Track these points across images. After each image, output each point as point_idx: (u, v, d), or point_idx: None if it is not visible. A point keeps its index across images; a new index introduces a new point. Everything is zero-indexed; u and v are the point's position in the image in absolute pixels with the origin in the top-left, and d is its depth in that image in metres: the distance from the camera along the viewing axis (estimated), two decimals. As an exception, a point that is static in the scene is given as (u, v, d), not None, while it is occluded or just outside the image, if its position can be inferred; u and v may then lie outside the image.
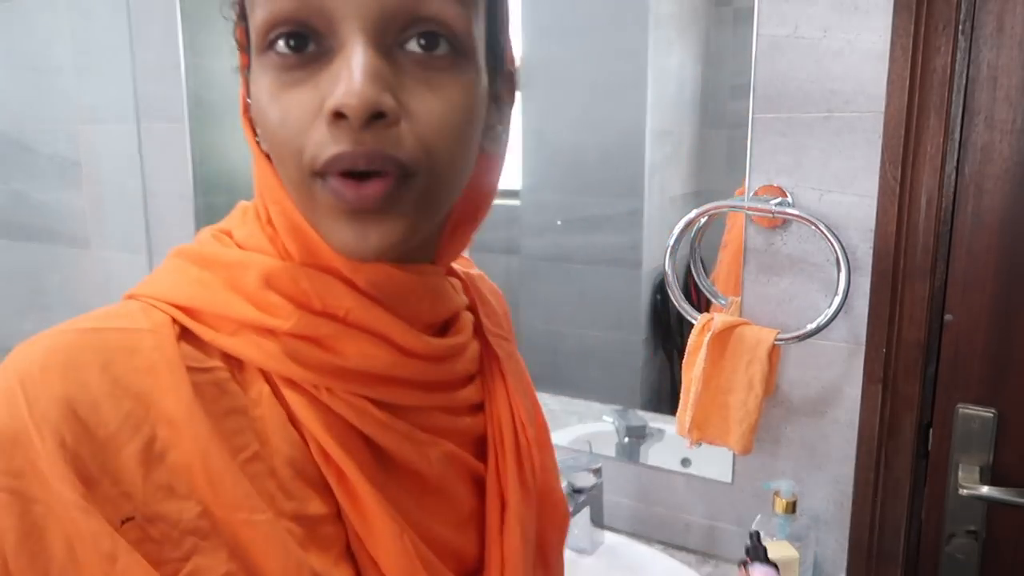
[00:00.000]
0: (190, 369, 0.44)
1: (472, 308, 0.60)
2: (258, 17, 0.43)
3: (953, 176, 1.03)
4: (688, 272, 1.26)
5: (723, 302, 1.22)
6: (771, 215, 1.10)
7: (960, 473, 1.07)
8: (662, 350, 1.41)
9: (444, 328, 0.55)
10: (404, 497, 0.50)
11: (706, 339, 1.13)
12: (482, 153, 0.51)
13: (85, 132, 1.80)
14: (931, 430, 1.10)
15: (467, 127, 0.46)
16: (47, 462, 0.40)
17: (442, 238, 0.53)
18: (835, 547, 1.17)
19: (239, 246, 0.50)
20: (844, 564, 1.16)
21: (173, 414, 0.43)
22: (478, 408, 0.58)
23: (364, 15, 0.41)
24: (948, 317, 1.06)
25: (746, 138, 1.13)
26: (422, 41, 0.43)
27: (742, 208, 1.13)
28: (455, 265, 0.61)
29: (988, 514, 1.08)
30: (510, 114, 0.55)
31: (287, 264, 0.48)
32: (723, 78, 1.25)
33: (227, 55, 0.50)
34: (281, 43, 0.43)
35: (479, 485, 0.57)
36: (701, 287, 1.26)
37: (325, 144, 0.42)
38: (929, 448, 1.10)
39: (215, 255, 0.49)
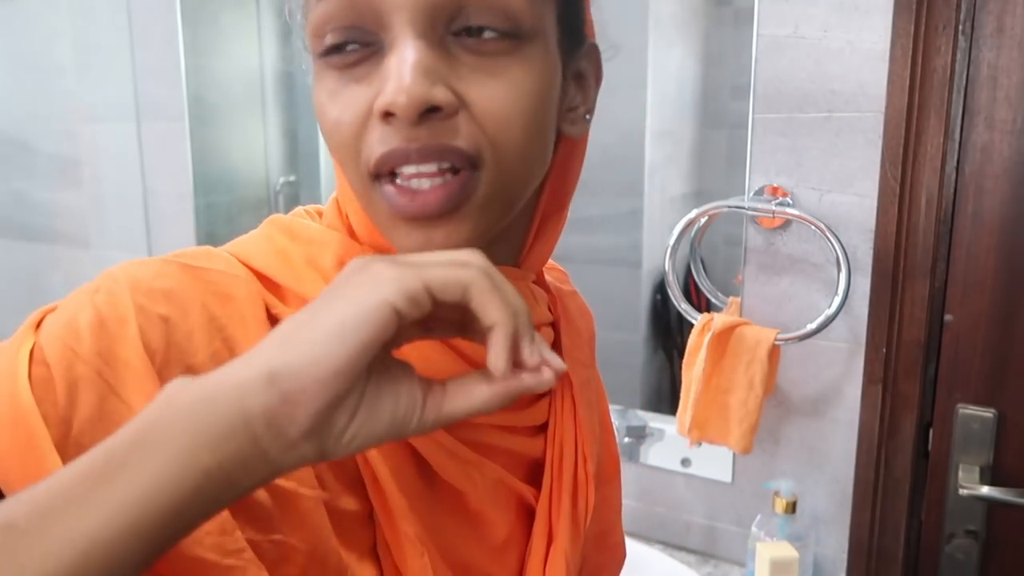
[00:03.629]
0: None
1: (555, 326, 0.56)
2: (311, 21, 0.42)
3: (953, 176, 1.03)
4: (688, 272, 1.26)
5: (714, 301, 1.23)
6: (771, 215, 1.10)
7: (960, 473, 1.07)
8: (662, 350, 1.41)
9: None
10: (441, 513, 0.48)
11: (706, 339, 1.13)
12: (564, 137, 0.48)
13: (85, 131, 1.80)
14: (931, 430, 1.10)
15: (536, 111, 0.43)
16: (134, 370, 0.39)
17: (527, 237, 0.50)
18: (835, 547, 1.17)
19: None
20: (844, 564, 1.16)
21: None
22: (540, 429, 0.54)
23: (412, 7, 0.39)
24: (948, 317, 1.06)
25: (746, 138, 1.12)
26: (475, 28, 0.40)
27: (742, 208, 1.13)
28: (548, 277, 0.58)
29: (988, 514, 1.08)
30: (596, 94, 0.51)
31: (363, 248, 0.47)
32: (723, 78, 1.25)
33: (227, 55, 0.50)
34: (334, 45, 0.41)
35: (524, 511, 0.54)
36: (701, 287, 1.26)
37: (376, 144, 0.40)
38: (929, 448, 1.10)
39: (302, 228, 0.48)
